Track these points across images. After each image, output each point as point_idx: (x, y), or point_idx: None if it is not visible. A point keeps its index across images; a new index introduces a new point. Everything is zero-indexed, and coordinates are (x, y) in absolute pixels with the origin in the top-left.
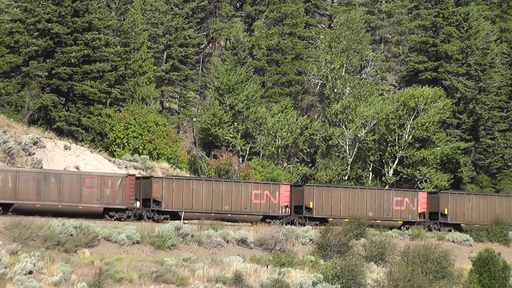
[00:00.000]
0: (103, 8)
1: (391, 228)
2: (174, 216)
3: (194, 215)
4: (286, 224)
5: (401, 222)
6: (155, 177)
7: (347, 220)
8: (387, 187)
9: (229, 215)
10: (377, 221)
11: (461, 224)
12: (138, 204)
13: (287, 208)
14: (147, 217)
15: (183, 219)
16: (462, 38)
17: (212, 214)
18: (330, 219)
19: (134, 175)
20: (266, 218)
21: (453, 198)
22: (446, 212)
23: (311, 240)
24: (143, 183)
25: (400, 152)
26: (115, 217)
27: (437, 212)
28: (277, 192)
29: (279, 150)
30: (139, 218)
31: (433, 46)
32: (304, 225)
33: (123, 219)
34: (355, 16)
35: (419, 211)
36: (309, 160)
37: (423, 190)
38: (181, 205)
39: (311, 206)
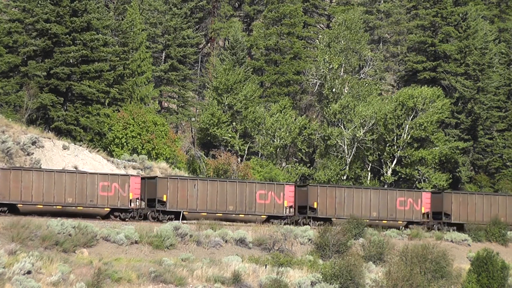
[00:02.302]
0: (102, 8)
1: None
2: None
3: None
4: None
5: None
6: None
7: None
8: (385, 186)
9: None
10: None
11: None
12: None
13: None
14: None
15: (187, 220)
16: (460, 38)
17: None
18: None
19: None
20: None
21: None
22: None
23: (309, 240)
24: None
25: (399, 152)
26: (119, 217)
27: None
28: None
29: (278, 150)
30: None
31: (432, 46)
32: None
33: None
34: (353, 16)
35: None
36: (307, 160)
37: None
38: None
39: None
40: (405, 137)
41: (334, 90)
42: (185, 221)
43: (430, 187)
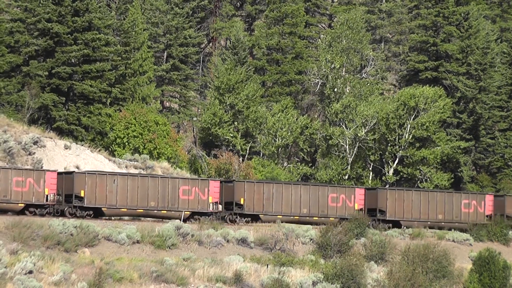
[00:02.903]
0: (103, 8)
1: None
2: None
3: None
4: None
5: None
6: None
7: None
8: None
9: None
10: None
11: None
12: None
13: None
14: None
15: (106, 216)
16: (462, 38)
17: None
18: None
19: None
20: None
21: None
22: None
23: (311, 239)
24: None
25: (400, 151)
26: (35, 213)
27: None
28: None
29: (279, 150)
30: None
31: (433, 45)
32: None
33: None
34: (355, 15)
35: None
36: (309, 160)
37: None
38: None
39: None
40: (406, 137)
41: (335, 89)
42: (105, 218)
43: (432, 187)
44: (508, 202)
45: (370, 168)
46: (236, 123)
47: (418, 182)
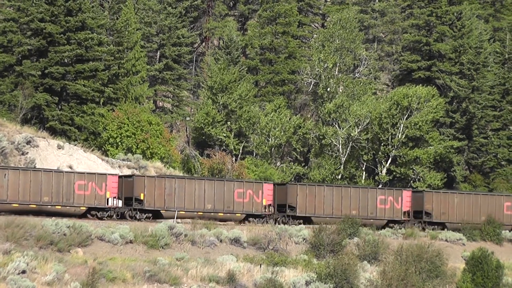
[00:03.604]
0: (96, 7)
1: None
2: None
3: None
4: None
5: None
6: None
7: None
8: (380, 186)
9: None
10: (218, 214)
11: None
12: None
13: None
14: (130, 216)
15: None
16: (455, 37)
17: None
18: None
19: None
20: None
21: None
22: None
23: (304, 239)
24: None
25: (393, 151)
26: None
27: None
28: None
29: (272, 149)
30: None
31: (426, 45)
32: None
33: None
34: (348, 15)
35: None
36: (302, 159)
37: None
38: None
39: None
40: (399, 137)
41: (328, 89)
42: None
43: (425, 186)
44: (426, 198)
45: (363, 168)
46: (229, 123)
47: (411, 181)
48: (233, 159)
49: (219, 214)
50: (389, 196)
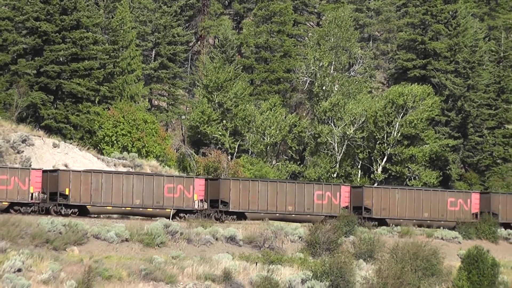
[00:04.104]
0: (91, 6)
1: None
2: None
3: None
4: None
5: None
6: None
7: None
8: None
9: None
10: (147, 209)
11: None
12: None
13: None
14: (54, 211)
15: None
16: (450, 36)
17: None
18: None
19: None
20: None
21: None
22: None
23: (300, 237)
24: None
25: (389, 149)
26: None
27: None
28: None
29: (268, 148)
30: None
31: (422, 43)
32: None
33: None
34: (343, 13)
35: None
36: (298, 158)
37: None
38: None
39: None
40: (395, 135)
41: (324, 88)
42: None
43: (421, 185)
44: (366, 194)
45: (359, 166)
46: (224, 121)
47: (407, 180)
48: (229, 157)
49: (148, 209)
50: (327, 191)
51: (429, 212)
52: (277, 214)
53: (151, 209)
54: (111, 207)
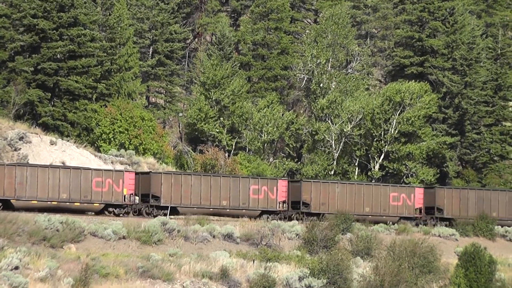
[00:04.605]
0: (89, 3)
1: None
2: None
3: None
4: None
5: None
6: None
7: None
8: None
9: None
10: (74, 204)
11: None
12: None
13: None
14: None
15: None
16: (447, 33)
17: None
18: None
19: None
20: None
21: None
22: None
23: (297, 235)
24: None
25: (386, 146)
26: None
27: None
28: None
29: (265, 145)
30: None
31: (419, 40)
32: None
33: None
34: (340, 10)
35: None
36: (295, 155)
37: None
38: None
39: None
40: (392, 132)
41: (321, 85)
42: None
43: (418, 182)
44: (304, 188)
45: (356, 164)
46: (222, 118)
47: (404, 177)
48: (226, 155)
49: (75, 204)
50: (263, 186)
51: (370, 206)
52: (211, 209)
53: (78, 204)
54: (36, 202)
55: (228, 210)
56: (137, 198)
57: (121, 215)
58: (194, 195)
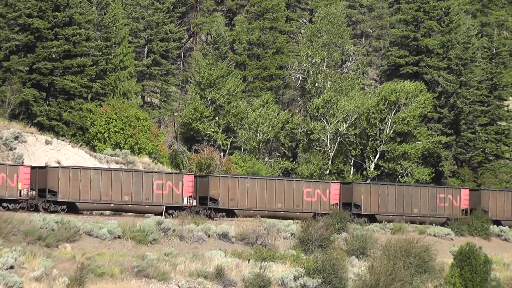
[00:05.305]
0: (84, 3)
1: None
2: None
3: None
4: None
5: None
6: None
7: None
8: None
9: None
10: None
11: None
12: None
13: None
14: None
15: None
16: (443, 32)
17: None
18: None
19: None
20: None
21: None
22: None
23: (292, 234)
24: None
25: (382, 146)
26: None
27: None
28: None
29: (261, 145)
30: None
31: (414, 40)
32: None
33: None
34: (336, 10)
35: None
36: (290, 155)
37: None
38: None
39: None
40: (387, 132)
41: (316, 84)
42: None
43: (413, 181)
44: (212, 183)
45: (351, 163)
46: (217, 118)
47: (399, 177)
48: (221, 154)
49: (137, 206)
50: (168, 181)
51: (282, 202)
52: (129, 206)
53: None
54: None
55: (130, 205)
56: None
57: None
58: (93, 190)
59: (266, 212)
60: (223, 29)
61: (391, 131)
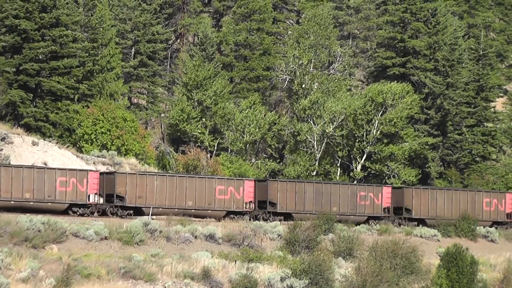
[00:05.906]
0: (71, 4)
1: None
2: None
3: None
4: None
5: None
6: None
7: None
8: (355, 182)
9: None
10: None
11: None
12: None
13: None
14: None
15: None
16: (430, 34)
17: None
18: None
19: None
20: None
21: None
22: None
23: (279, 235)
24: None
25: (368, 147)
26: None
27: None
28: None
29: (247, 146)
30: None
31: (401, 41)
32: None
33: None
34: (323, 11)
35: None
36: (277, 156)
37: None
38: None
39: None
40: (374, 133)
41: (303, 85)
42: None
43: (400, 182)
44: (119, 180)
45: (338, 164)
46: (204, 119)
47: (386, 178)
48: (208, 155)
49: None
50: (71, 178)
51: (193, 200)
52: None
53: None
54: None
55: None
56: None
57: None
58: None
59: (175, 210)
60: (210, 30)
61: (378, 132)
